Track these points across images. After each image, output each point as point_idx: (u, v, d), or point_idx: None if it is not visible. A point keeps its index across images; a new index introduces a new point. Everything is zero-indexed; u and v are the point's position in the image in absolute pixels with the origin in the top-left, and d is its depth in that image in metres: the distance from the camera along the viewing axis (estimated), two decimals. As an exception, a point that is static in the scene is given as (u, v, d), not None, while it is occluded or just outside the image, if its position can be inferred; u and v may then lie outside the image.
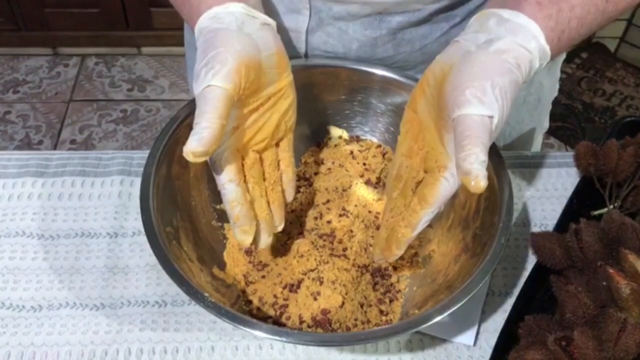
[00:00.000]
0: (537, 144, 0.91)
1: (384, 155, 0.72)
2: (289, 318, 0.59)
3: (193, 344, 0.60)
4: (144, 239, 0.55)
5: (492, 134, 0.47)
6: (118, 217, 0.70)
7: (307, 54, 0.74)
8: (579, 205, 0.67)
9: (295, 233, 0.66)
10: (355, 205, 0.67)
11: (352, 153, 0.72)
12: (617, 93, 2.17)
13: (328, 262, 0.61)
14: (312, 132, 0.74)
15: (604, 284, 0.52)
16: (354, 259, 0.63)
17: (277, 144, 0.60)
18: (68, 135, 1.99)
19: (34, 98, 2.10)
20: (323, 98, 0.72)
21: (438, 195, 0.51)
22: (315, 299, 0.59)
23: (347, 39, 0.71)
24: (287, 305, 0.59)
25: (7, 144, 1.95)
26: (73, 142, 1.97)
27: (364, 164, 0.71)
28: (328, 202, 0.68)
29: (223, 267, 0.63)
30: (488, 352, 0.58)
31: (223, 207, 0.56)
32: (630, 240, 0.54)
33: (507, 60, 0.49)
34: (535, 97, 0.83)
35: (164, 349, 0.60)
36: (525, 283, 0.61)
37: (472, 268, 0.55)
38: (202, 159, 0.47)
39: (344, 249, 0.64)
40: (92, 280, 0.64)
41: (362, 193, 0.67)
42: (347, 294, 0.59)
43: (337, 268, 0.61)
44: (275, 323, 0.59)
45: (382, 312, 0.61)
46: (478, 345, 0.61)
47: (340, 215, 0.66)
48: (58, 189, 0.72)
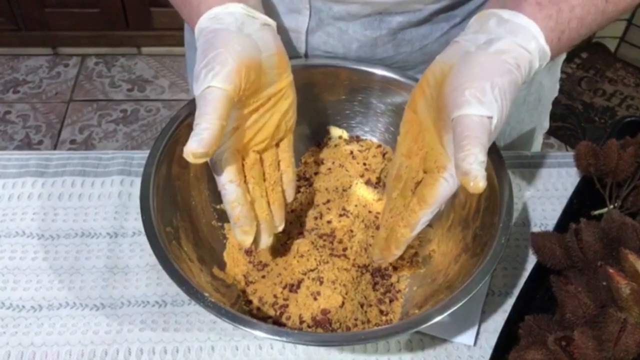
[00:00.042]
0: (537, 144, 0.91)
1: (384, 155, 0.72)
2: (289, 318, 0.59)
3: (193, 344, 0.60)
4: (144, 239, 0.55)
5: (491, 135, 0.47)
6: (118, 217, 0.70)
7: (307, 54, 0.74)
8: (579, 205, 0.67)
9: (295, 233, 0.66)
10: (356, 205, 0.67)
11: (352, 153, 0.72)
12: (617, 93, 2.17)
13: (328, 262, 0.61)
14: (312, 132, 0.74)
15: (604, 284, 0.52)
16: (354, 259, 0.63)
17: (277, 145, 0.60)
18: (68, 135, 1.99)
19: (34, 98, 2.10)
20: (323, 98, 0.72)
21: (437, 196, 0.51)
22: (315, 299, 0.59)
23: (347, 39, 0.71)
24: (287, 305, 0.59)
25: (7, 144, 1.95)
26: (73, 142, 1.97)
27: (364, 164, 0.71)
28: (328, 202, 0.68)
29: (223, 267, 0.63)
30: (488, 352, 0.58)
31: (223, 207, 0.56)
32: (631, 240, 0.54)
33: (506, 61, 0.49)
34: (536, 97, 0.82)
35: (164, 349, 0.60)
36: (526, 283, 0.61)
37: (472, 268, 0.55)
38: (202, 160, 0.47)
39: (344, 249, 0.64)
40: (92, 280, 0.64)
41: (362, 193, 0.67)
42: (347, 294, 0.59)
43: (337, 268, 0.61)
44: (276, 323, 0.59)
45: (382, 312, 0.61)
46: (478, 345, 0.61)
47: (341, 215, 0.66)
48: (58, 189, 0.72)
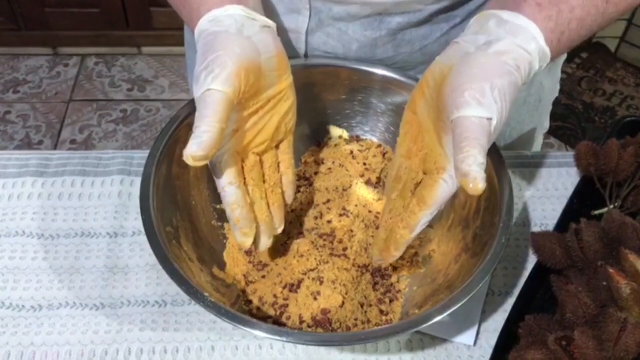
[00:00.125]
0: (537, 145, 0.91)
1: (384, 155, 0.72)
2: (289, 318, 0.59)
3: (193, 344, 0.60)
4: (144, 239, 0.55)
5: (491, 136, 0.47)
6: (118, 217, 0.70)
7: (307, 55, 0.74)
8: (580, 205, 0.67)
9: (296, 233, 0.66)
10: (356, 205, 0.67)
11: (352, 153, 0.72)
12: (617, 93, 2.17)
13: (328, 262, 0.61)
14: (312, 131, 0.74)
15: (605, 284, 0.52)
16: (354, 259, 0.63)
17: (277, 146, 0.60)
18: (68, 135, 1.99)
19: (34, 98, 2.10)
20: (323, 98, 0.72)
21: (437, 197, 0.51)
22: (316, 299, 0.59)
23: (347, 40, 0.71)
24: (287, 305, 0.59)
25: (7, 144, 1.95)
26: (73, 142, 1.97)
27: (364, 164, 0.71)
28: (328, 202, 0.68)
29: (223, 267, 0.63)
30: (488, 352, 0.58)
31: (223, 207, 0.56)
32: (631, 240, 0.54)
33: (506, 62, 0.49)
34: (536, 97, 0.82)
35: (164, 349, 0.60)
36: (526, 283, 0.61)
37: (472, 268, 0.55)
38: (202, 163, 0.47)
39: (344, 249, 0.64)
40: (92, 280, 0.64)
41: (362, 193, 0.67)
42: (347, 294, 0.59)
43: (337, 268, 0.61)
44: (276, 323, 0.59)
45: (382, 312, 0.61)
46: (478, 345, 0.61)
47: (341, 215, 0.66)
48: (58, 189, 0.72)
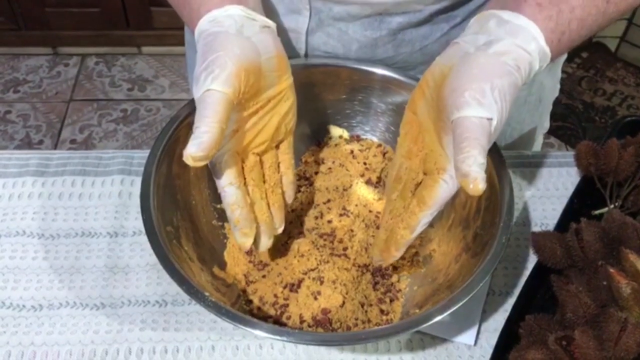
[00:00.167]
0: (537, 144, 0.91)
1: (385, 155, 0.72)
2: (290, 317, 0.59)
3: (193, 344, 0.60)
4: (145, 239, 0.55)
5: (491, 136, 0.47)
6: (118, 216, 0.70)
7: (307, 55, 0.74)
8: (580, 205, 0.67)
9: (296, 232, 0.66)
10: (356, 205, 0.67)
11: (352, 152, 0.72)
12: (617, 93, 2.17)
13: (328, 261, 0.61)
14: (312, 131, 0.74)
15: (605, 284, 0.52)
16: (355, 259, 0.63)
17: (277, 146, 0.60)
18: (68, 135, 1.99)
19: (34, 97, 2.10)
20: (323, 97, 0.72)
21: (437, 198, 0.51)
22: (316, 299, 0.59)
23: (347, 40, 0.71)
24: (287, 305, 0.59)
25: (7, 144, 1.95)
26: (73, 141, 1.97)
27: (365, 164, 0.71)
28: (328, 201, 0.68)
29: (223, 266, 0.63)
30: (489, 351, 0.58)
31: (223, 207, 0.56)
32: (631, 240, 0.54)
33: (506, 62, 0.49)
34: (536, 97, 0.82)
35: (165, 349, 0.60)
36: (526, 282, 0.61)
37: (472, 267, 0.55)
38: (201, 163, 0.47)
39: (345, 249, 0.64)
40: (92, 280, 0.64)
41: (362, 192, 0.67)
42: (347, 294, 0.59)
43: (337, 267, 0.61)
44: (276, 323, 0.59)
45: (382, 311, 0.61)
46: (479, 345, 0.61)
47: (341, 215, 0.66)
48: (58, 189, 0.72)
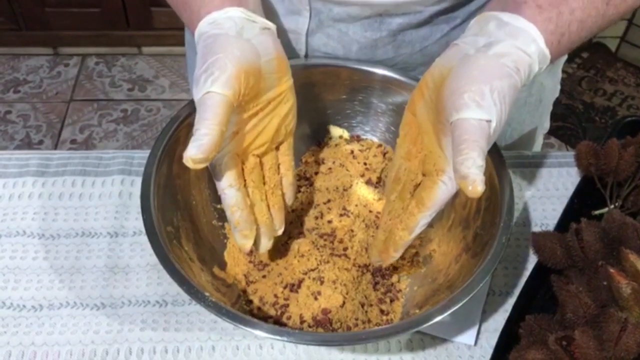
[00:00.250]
0: (537, 144, 0.91)
1: (385, 155, 0.72)
2: (290, 318, 0.59)
3: (194, 344, 0.60)
4: (145, 239, 0.55)
5: (490, 138, 0.47)
6: (119, 216, 0.70)
7: (307, 56, 0.74)
8: (580, 205, 0.67)
9: (296, 233, 0.66)
10: (356, 205, 0.67)
11: (352, 152, 0.72)
12: (617, 93, 2.17)
13: (329, 261, 0.61)
14: (312, 131, 0.74)
15: (605, 284, 0.52)
16: (355, 259, 0.63)
17: (277, 148, 0.60)
18: (68, 135, 1.99)
19: (35, 98, 2.10)
20: (324, 97, 0.72)
21: (436, 199, 0.51)
22: (316, 299, 0.59)
23: (347, 41, 0.71)
24: (287, 305, 0.59)
25: (7, 144, 1.95)
26: (73, 141, 1.97)
27: (365, 164, 0.71)
28: (329, 201, 0.68)
29: (224, 266, 0.63)
30: (489, 351, 0.58)
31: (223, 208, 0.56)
32: (631, 240, 0.54)
33: (506, 64, 0.49)
34: (537, 98, 0.82)
35: (165, 349, 0.60)
36: (526, 283, 0.61)
37: (472, 268, 0.55)
38: (201, 166, 0.47)
39: (345, 249, 0.64)
40: (92, 280, 0.64)
41: (362, 193, 0.67)
42: (347, 294, 0.59)
43: (337, 268, 0.61)
44: (276, 323, 0.59)
45: (382, 311, 0.61)
46: (479, 345, 0.61)
47: (341, 215, 0.66)
48: (58, 189, 0.72)
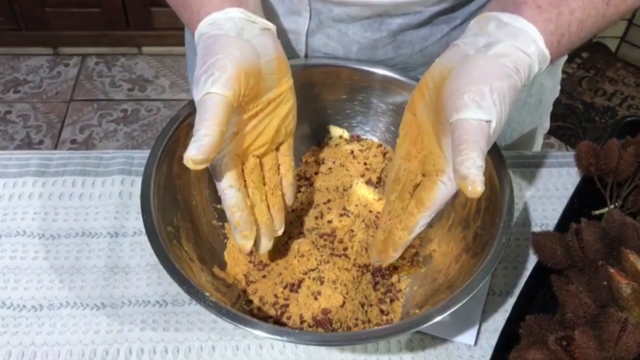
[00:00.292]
0: (537, 145, 0.91)
1: (385, 155, 0.72)
2: (290, 318, 0.59)
3: (194, 344, 0.60)
4: (145, 239, 0.55)
5: (490, 139, 0.47)
6: (119, 216, 0.70)
7: (307, 56, 0.74)
8: (580, 205, 0.67)
9: (296, 233, 0.66)
10: (356, 205, 0.67)
11: (352, 152, 0.72)
12: (617, 93, 2.17)
13: (329, 261, 0.61)
14: (312, 131, 0.74)
15: (605, 284, 0.52)
16: (355, 259, 0.63)
17: (277, 148, 0.60)
18: (68, 135, 1.99)
19: (35, 98, 2.10)
20: (324, 97, 0.72)
21: (435, 199, 0.51)
22: (316, 299, 0.59)
23: (347, 41, 0.71)
24: (287, 305, 0.59)
25: (7, 144, 1.95)
26: (73, 141, 1.97)
27: (365, 164, 0.71)
28: (329, 201, 0.68)
29: (224, 266, 0.63)
30: (489, 351, 0.58)
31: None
32: (631, 240, 0.54)
33: (505, 65, 0.49)
34: (537, 98, 0.82)
35: (165, 349, 0.60)
36: (526, 283, 0.61)
37: (472, 268, 0.55)
38: (202, 166, 0.48)
39: (345, 249, 0.64)
40: (92, 280, 0.64)
41: (362, 193, 0.67)
42: (347, 294, 0.59)
43: (337, 268, 0.61)
44: (276, 323, 0.59)
45: (382, 311, 0.61)
46: (479, 345, 0.61)
47: (341, 215, 0.66)
48: (59, 189, 0.72)
